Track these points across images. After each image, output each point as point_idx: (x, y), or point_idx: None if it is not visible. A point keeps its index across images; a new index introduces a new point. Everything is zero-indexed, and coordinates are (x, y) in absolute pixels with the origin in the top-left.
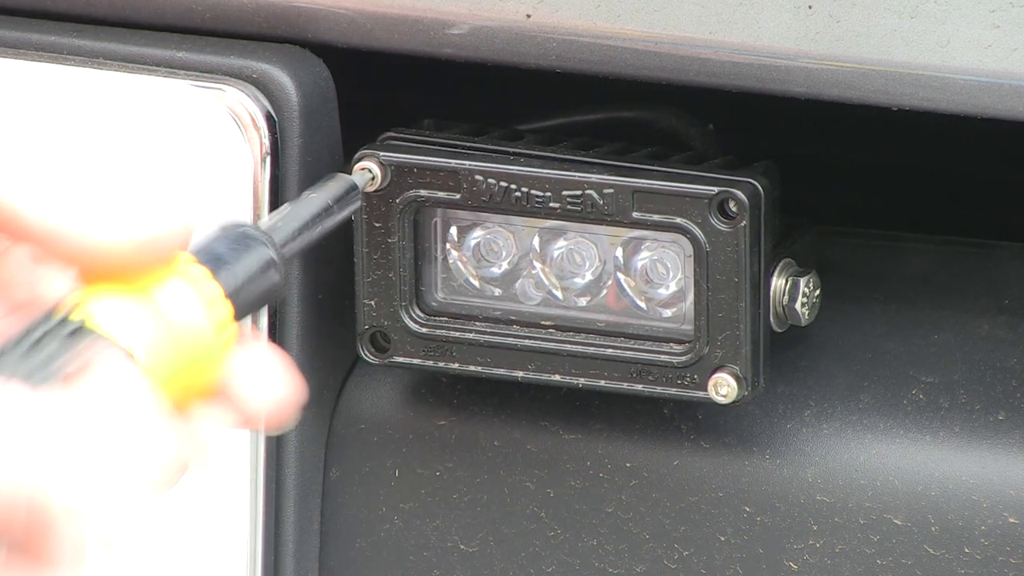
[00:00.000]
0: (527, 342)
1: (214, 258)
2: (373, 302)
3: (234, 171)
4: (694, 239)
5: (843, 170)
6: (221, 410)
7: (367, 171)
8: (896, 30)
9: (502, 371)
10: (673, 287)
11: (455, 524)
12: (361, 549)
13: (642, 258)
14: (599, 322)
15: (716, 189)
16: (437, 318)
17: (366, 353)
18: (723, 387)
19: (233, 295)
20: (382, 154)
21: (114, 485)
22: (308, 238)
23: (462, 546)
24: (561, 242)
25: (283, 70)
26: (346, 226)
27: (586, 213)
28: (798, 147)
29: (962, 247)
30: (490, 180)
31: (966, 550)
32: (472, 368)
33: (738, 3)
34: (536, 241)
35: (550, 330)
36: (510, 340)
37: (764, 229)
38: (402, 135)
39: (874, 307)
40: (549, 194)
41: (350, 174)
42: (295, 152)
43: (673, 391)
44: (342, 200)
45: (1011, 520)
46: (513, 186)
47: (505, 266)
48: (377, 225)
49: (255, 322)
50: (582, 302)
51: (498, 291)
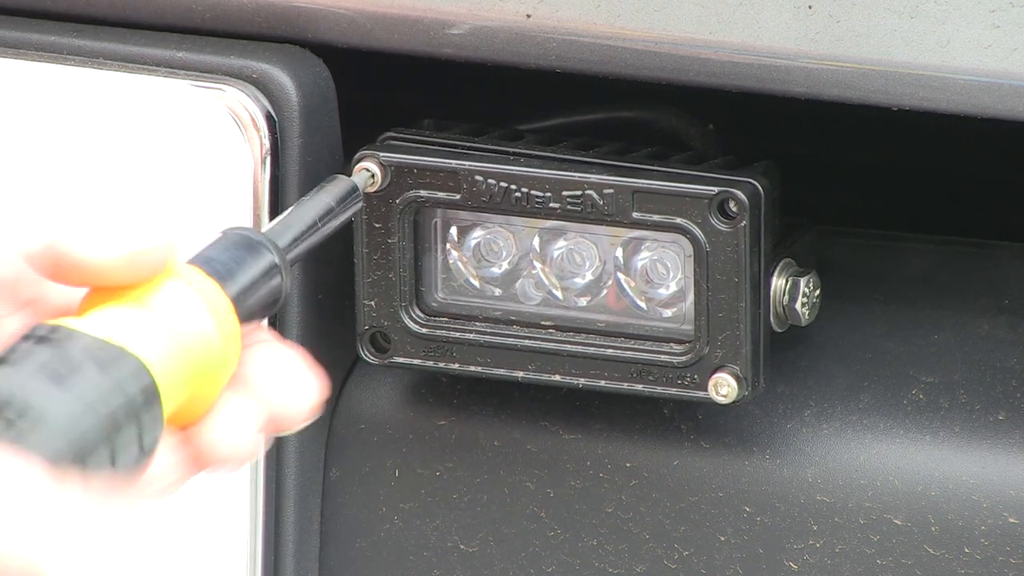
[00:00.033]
0: (527, 342)
1: (219, 265)
2: (373, 302)
3: (234, 171)
4: (694, 239)
5: (843, 170)
6: (247, 412)
7: (367, 171)
8: (896, 30)
9: (502, 371)
10: (673, 287)
11: (455, 524)
12: (361, 549)
13: (642, 258)
14: (599, 322)
15: (716, 189)
16: (437, 318)
17: (366, 353)
18: (723, 387)
19: (238, 302)
20: (382, 154)
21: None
22: (310, 242)
23: (462, 546)
24: (561, 242)
25: (283, 70)
26: (346, 227)
27: (586, 213)
28: (798, 147)
29: (962, 247)
30: (490, 180)
31: (966, 550)
32: (472, 368)
33: (738, 3)
34: (536, 241)
35: (550, 330)
36: (510, 340)
37: (764, 229)
38: (402, 135)
39: (874, 307)
40: (549, 194)
41: (350, 174)
42: (295, 152)
43: (673, 391)
44: (343, 202)
45: (1011, 520)
46: (513, 186)
47: (505, 266)
48: (377, 225)
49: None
50: (582, 302)
51: (498, 291)
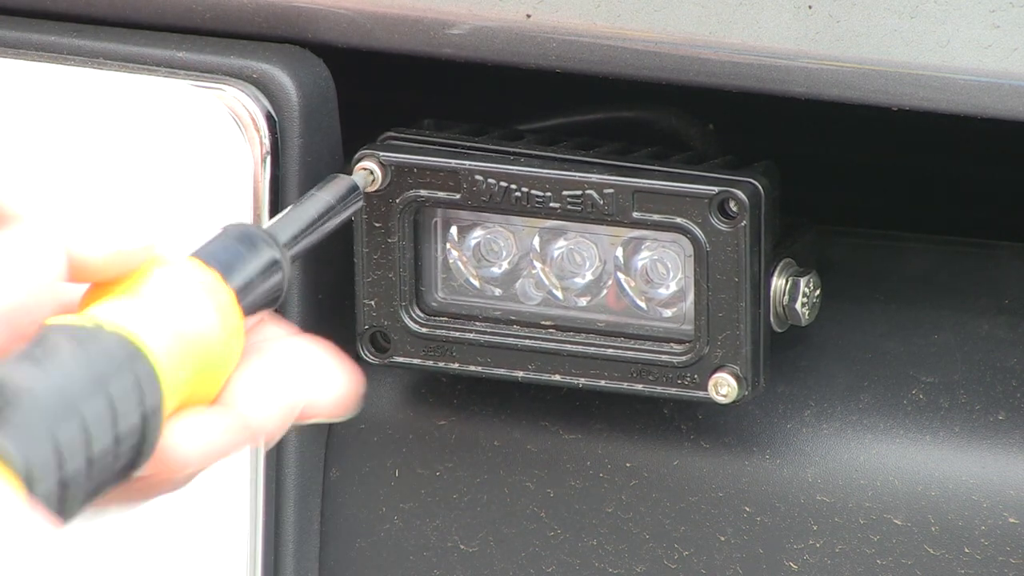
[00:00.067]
0: (527, 342)
1: (221, 260)
2: (373, 302)
3: (234, 171)
4: (694, 239)
5: (843, 170)
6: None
7: (367, 171)
8: (896, 30)
9: (502, 371)
10: (673, 287)
11: (455, 524)
12: (361, 549)
13: (642, 258)
14: (599, 322)
15: (716, 189)
16: (437, 318)
17: (366, 353)
18: (723, 387)
19: (241, 296)
20: (382, 154)
21: None
22: (310, 239)
23: (462, 546)
24: (561, 242)
25: (283, 70)
26: (346, 226)
27: (586, 213)
28: (798, 147)
29: (962, 247)
30: (490, 180)
31: (966, 550)
32: (472, 368)
33: (738, 3)
34: (536, 241)
35: (550, 330)
36: (510, 340)
37: (764, 229)
38: (402, 135)
39: (874, 307)
40: (549, 194)
41: (350, 174)
42: (295, 152)
43: (673, 391)
44: (344, 201)
45: (1011, 520)
46: (513, 186)
47: (505, 266)
48: (377, 225)
49: None
50: (582, 302)
51: (498, 291)
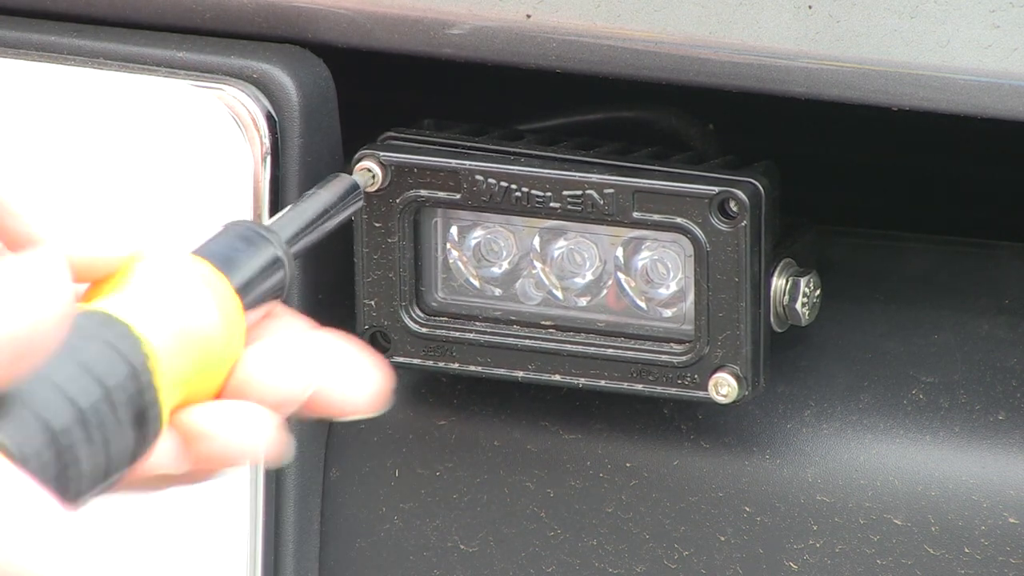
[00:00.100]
0: (527, 342)
1: (223, 257)
2: (373, 302)
3: (234, 171)
4: (694, 239)
5: (843, 170)
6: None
7: (367, 171)
8: (896, 30)
9: (502, 371)
10: (673, 287)
11: (455, 524)
12: (361, 549)
13: (642, 258)
14: (599, 322)
15: (716, 189)
16: (437, 318)
17: None
18: (723, 387)
19: (242, 293)
20: (382, 154)
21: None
22: (311, 238)
23: (462, 546)
24: (561, 242)
25: (283, 70)
26: (346, 226)
27: (586, 213)
28: (798, 147)
29: (962, 247)
30: (490, 180)
31: (966, 550)
32: (472, 368)
33: (738, 3)
34: (536, 241)
35: (550, 330)
36: (510, 340)
37: (764, 229)
38: (402, 135)
39: (874, 307)
40: (549, 194)
41: (350, 174)
42: (295, 152)
43: (673, 391)
44: (345, 199)
45: (1011, 520)
46: (513, 186)
47: (505, 266)
48: (377, 225)
49: None
50: (582, 302)
51: (498, 291)
